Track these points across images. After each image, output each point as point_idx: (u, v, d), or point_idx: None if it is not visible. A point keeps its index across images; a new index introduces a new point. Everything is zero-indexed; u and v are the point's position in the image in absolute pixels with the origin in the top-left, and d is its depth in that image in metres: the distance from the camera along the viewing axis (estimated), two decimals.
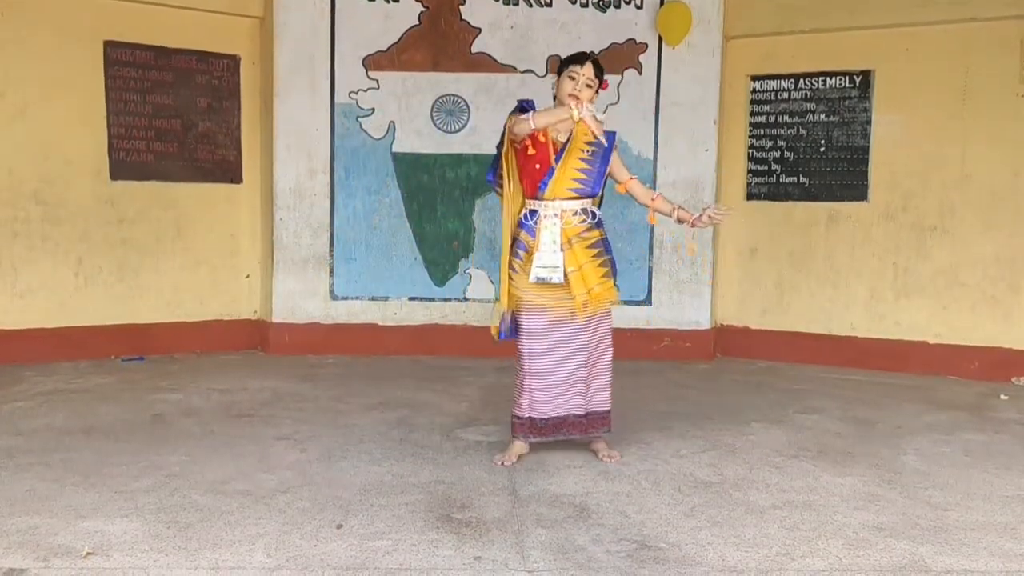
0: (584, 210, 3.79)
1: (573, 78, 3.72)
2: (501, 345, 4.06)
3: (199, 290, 6.51)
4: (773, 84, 6.54)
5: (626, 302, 6.57)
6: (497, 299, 3.94)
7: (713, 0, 6.40)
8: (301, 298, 6.48)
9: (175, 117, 6.35)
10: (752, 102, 6.62)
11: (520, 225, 3.82)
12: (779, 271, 6.62)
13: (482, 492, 3.49)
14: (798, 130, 6.50)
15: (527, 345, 3.80)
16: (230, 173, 6.59)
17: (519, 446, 3.89)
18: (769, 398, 5.33)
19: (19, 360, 5.83)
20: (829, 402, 5.21)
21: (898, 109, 6.18)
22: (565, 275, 3.70)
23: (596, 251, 3.79)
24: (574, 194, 3.77)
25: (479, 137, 6.43)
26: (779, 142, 6.56)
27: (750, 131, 6.65)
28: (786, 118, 6.52)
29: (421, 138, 6.47)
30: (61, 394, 5.06)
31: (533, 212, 3.78)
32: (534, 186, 3.76)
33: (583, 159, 3.76)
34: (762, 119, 6.60)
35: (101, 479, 3.55)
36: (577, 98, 3.69)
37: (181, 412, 4.70)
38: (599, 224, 3.85)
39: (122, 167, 6.19)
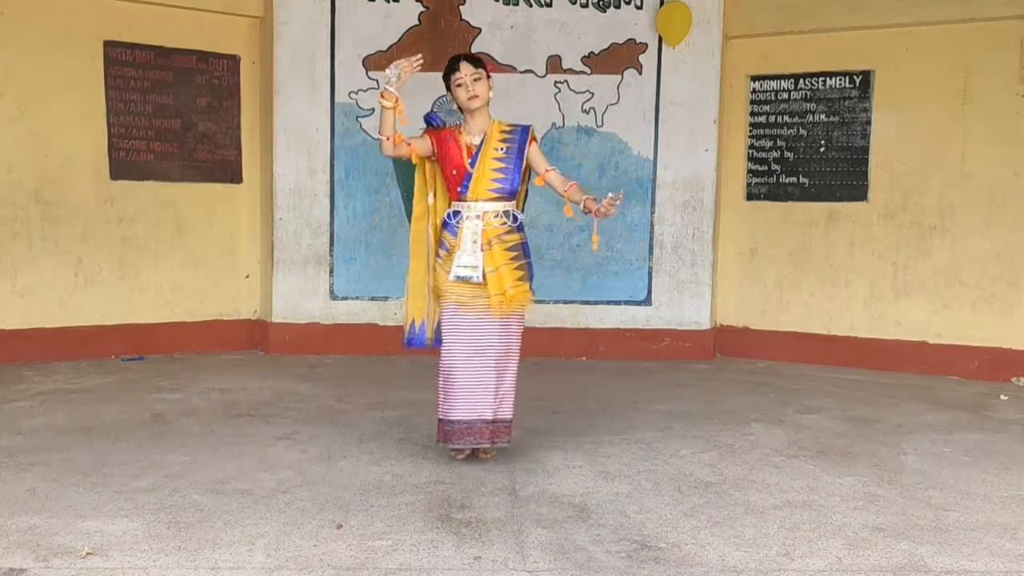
0: (506, 212, 3.83)
1: (461, 84, 3.78)
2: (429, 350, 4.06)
3: (199, 290, 6.51)
4: (773, 84, 6.54)
5: (626, 302, 6.59)
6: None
7: (713, 0, 6.41)
8: (301, 298, 6.48)
9: (175, 117, 6.35)
10: (752, 102, 6.63)
11: (444, 225, 3.89)
12: (779, 271, 6.62)
13: (482, 492, 3.49)
14: (798, 130, 6.50)
15: (445, 343, 3.85)
16: (230, 173, 6.59)
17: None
18: (769, 398, 5.33)
19: (19, 360, 5.83)
20: (829, 402, 5.22)
21: (898, 109, 6.18)
22: (484, 275, 3.75)
23: (514, 254, 3.82)
24: (495, 194, 3.80)
25: None
26: (779, 142, 6.56)
27: (750, 131, 6.65)
28: (786, 118, 6.52)
29: None
30: (61, 394, 5.06)
31: (456, 212, 3.84)
32: (455, 190, 3.83)
33: (498, 158, 3.81)
34: (762, 119, 6.60)
35: (101, 479, 3.55)
36: (477, 95, 3.76)
37: (181, 412, 4.70)
38: (520, 228, 3.89)
39: (122, 167, 6.19)
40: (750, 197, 6.68)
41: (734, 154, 6.68)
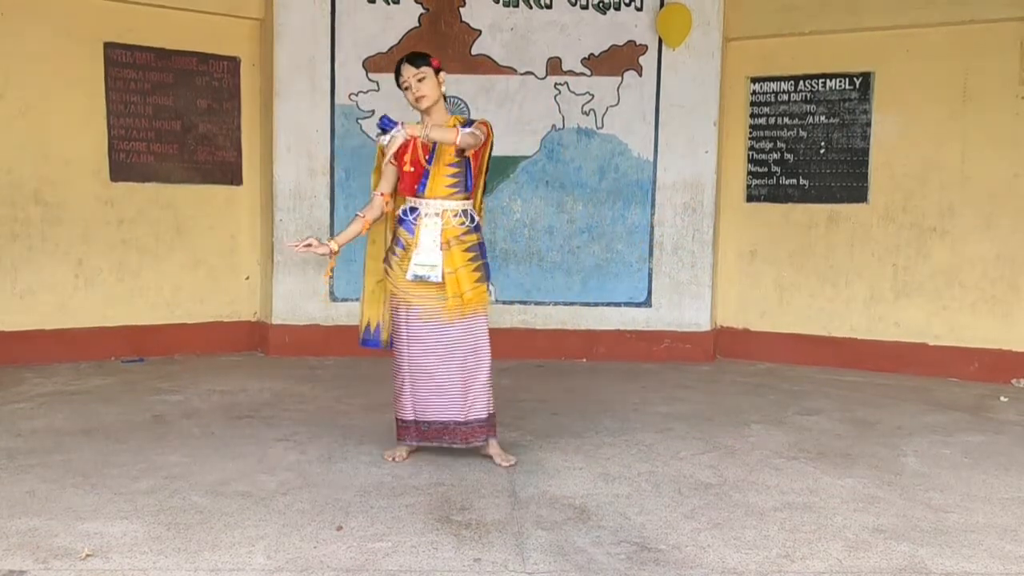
0: (464, 211, 3.80)
1: (407, 87, 3.74)
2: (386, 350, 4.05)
3: (199, 291, 6.51)
4: (773, 86, 6.54)
5: (626, 304, 6.59)
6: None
7: (713, 2, 6.41)
8: (301, 299, 6.48)
9: (175, 118, 6.35)
10: (752, 104, 6.63)
11: (399, 222, 3.83)
12: (779, 272, 6.62)
13: (482, 494, 3.49)
14: (798, 132, 6.50)
15: (406, 343, 3.80)
16: (230, 174, 6.59)
17: (406, 446, 3.92)
18: (769, 399, 5.33)
19: (19, 361, 5.83)
20: (829, 403, 5.22)
21: (898, 110, 6.18)
22: (443, 275, 3.71)
23: (472, 255, 3.79)
24: (452, 190, 3.77)
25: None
26: (779, 144, 6.56)
27: (750, 133, 6.66)
28: (786, 120, 6.52)
29: None
30: (61, 395, 5.05)
31: (413, 209, 3.78)
32: (412, 187, 3.78)
33: (452, 159, 3.74)
34: (762, 121, 6.60)
35: (101, 480, 3.55)
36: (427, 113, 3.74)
37: (181, 413, 4.70)
38: (477, 228, 3.85)
39: (122, 168, 6.19)
40: (750, 199, 6.68)
41: (734, 156, 6.69)
